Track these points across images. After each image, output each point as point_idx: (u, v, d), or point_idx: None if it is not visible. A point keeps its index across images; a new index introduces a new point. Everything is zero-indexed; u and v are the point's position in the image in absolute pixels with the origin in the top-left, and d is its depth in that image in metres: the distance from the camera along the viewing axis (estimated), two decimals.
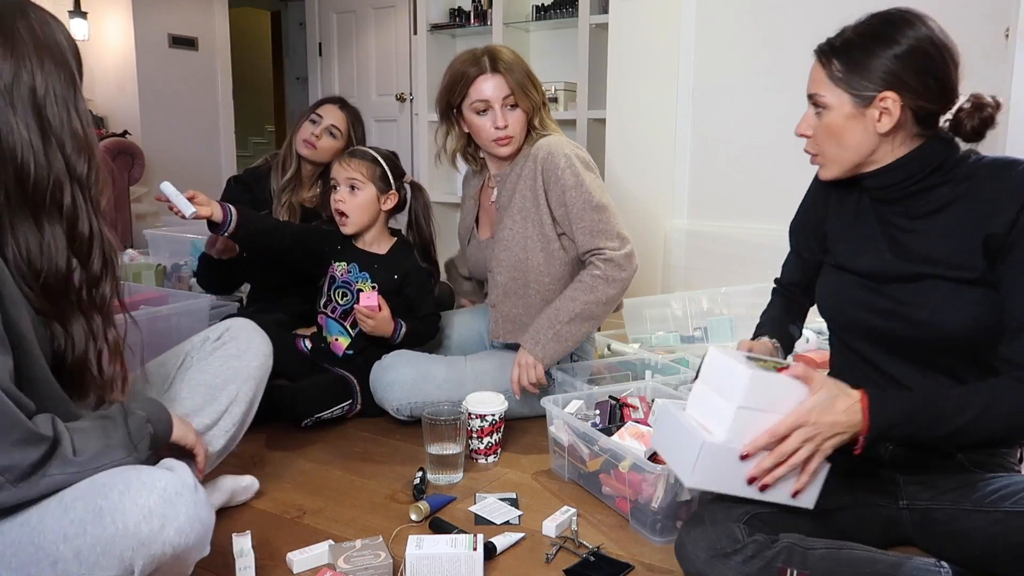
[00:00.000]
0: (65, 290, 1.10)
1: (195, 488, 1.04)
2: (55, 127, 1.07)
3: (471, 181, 2.21)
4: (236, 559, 1.23)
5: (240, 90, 5.82)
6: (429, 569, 1.23)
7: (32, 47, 1.06)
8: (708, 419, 1.18)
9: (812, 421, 1.11)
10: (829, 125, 1.25)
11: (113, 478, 1.02)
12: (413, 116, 5.02)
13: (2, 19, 1.06)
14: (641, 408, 1.73)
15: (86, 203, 1.10)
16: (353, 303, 2.05)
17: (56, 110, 1.07)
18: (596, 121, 3.74)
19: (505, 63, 1.92)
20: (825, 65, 1.24)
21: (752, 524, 1.14)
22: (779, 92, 2.82)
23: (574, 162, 1.91)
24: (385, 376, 1.93)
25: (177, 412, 1.32)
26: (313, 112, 2.37)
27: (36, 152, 1.05)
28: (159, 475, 1.02)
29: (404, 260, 2.15)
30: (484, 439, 1.76)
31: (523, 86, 1.93)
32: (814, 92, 1.26)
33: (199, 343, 1.49)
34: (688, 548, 1.16)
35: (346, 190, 2.07)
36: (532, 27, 4.14)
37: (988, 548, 1.15)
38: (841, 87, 1.22)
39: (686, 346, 2.37)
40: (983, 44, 2.35)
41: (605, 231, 1.90)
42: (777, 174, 2.85)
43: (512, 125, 1.93)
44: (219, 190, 2.52)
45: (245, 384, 1.46)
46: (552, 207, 1.93)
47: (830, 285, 1.37)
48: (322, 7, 5.52)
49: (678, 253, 3.08)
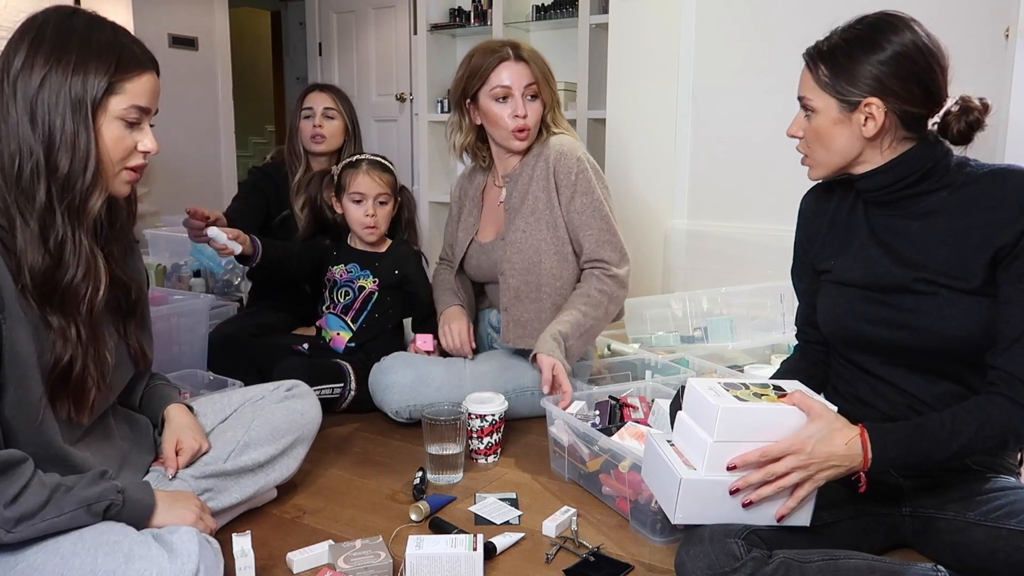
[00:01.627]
0: (50, 293, 1.11)
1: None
2: (42, 122, 1.08)
3: (472, 180, 2.14)
4: (236, 559, 1.23)
5: (240, 90, 5.82)
6: (429, 569, 1.23)
7: (49, 46, 1.09)
8: (690, 451, 1.20)
9: (807, 450, 1.11)
10: (817, 129, 1.26)
11: (108, 562, 1.05)
12: (413, 116, 5.02)
13: (41, 23, 1.11)
14: (641, 408, 1.73)
15: (60, 204, 1.10)
16: (355, 299, 2.08)
17: (46, 107, 1.08)
18: (596, 121, 3.74)
19: (528, 52, 1.91)
20: (812, 69, 1.25)
21: (750, 540, 1.13)
22: (779, 92, 2.81)
23: (586, 166, 1.90)
24: (384, 378, 1.93)
25: (240, 440, 1.41)
26: (302, 108, 2.38)
27: (21, 140, 1.08)
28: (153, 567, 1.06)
29: (404, 257, 2.17)
30: (484, 439, 1.76)
31: (545, 75, 1.92)
32: (802, 96, 1.27)
33: (271, 389, 1.57)
34: (688, 567, 1.14)
35: (376, 204, 2.10)
36: (532, 27, 4.14)
37: (989, 563, 1.14)
38: (828, 92, 1.23)
39: (686, 346, 2.37)
40: (983, 44, 2.34)
41: (612, 243, 1.90)
42: (777, 174, 2.85)
43: (531, 116, 1.91)
44: (219, 190, 2.53)
45: (301, 442, 1.54)
46: (563, 209, 1.91)
47: (829, 300, 1.35)
48: (322, 7, 5.52)
49: (678, 253, 3.08)
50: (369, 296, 2.12)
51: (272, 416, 1.49)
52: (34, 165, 1.08)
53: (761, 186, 2.90)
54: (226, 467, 1.37)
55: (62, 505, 1.08)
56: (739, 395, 1.17)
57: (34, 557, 1.06)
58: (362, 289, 2.12)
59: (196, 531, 1.14)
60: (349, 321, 2.10)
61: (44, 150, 1.09)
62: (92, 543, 1.08)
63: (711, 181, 3.03)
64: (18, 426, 1.11)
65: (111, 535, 1.10)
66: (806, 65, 1.27)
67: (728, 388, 1.19)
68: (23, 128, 1.09)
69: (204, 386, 1.97)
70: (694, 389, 1.21)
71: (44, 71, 1.09)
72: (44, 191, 1.09)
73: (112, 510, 1.13)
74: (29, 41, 1.10)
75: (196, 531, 1.14)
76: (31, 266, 1.09)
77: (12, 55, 1.10)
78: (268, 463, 1.46)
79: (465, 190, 2.15)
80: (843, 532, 1.23)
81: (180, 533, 1.12)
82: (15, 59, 1.10)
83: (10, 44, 1.12)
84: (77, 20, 1.14)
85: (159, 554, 1.08)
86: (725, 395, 1.16)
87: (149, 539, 1.11)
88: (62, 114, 1.09)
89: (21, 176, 1.08)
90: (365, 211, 2.09)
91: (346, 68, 5.44)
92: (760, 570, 1.09)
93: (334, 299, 2.14)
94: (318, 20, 5.56)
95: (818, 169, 1.31)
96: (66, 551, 1.06)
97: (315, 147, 2.36)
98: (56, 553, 1.06)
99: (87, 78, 1.11)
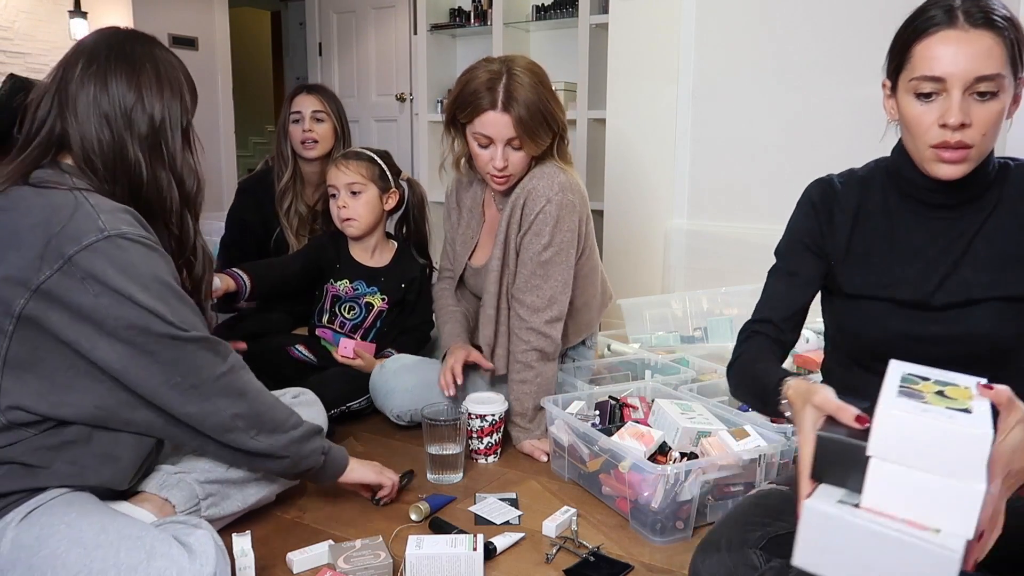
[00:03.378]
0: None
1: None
2: (167, 151, 1.21)
3: (469, 188, 2.02)
4: (236, 559, 1.23)
5: (240, 90, 5.82)
6: (429, 569, 1.23)
7: (155, 78, 1.20)
8: (920, 512, 0.80)
9: (1016, 469, 0.84)
10: (997, 113, 1.05)
11: (130, 557, 1.08)
12: (413, 116, 5.02)
13: (132, 51, 1.21)
14: (641, 408, 1.73)
15: (192, 217, 1.27)
16: (363, 317, 2.06)
17: (170, 136, 1.22)
18: (596, 121, 3.74)
19: (520, 102, 1.71)
20: (1000, 35, 1.03)
21: (769, 549, 1.08)
22: (779, 92, 2.82)
23: (551, 208, 1.77)
24: (386, 383, 1.93)
25: None
26: (291, 112, 2.36)
27: (145, 170, 1.19)
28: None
29: (409, 267, 2.13)
30: (484, 439, 1.76)
31: (531, 130, 1.73)
32: (987, 74, 1.03)
33: (277, 396, 1.55)
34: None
35: (347, 195, 2.05)
36: (532, 27, 4.14)
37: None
38: (1009, 67, 1.04)
39: (686, 346, 2.37)
40: None
41: (538, 288, 1.80)
42: (777, 174, 2.85)
43: (512, 165, 1.78)
44: (219, 190, 2.53)
45: None
46: (516, 244, 1.82)
47: (860, 317, 1.19)
48: (322, 7, 5.52)
49: (678, 253, 3.08)
50: (379, 314, 2.11)
51: None
52: (165, 192, 1.23)
53: (761, 186, 2.90)
54: (230, 475, 1.37)
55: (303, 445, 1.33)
56: (930, 403, 0.84)
57: (56, 545, 1.06)
58: (370, 307, 2.09)
59: (212, 533, 1.15)
60: (359, 340, 2.08)
61: (175, 178, 1.24)
62: (115, 536, 1.08)
63: (711, 181, 3.03)
64: None
65: (133, 529, 1.11)
66: (989, 32, 1.03)
67: (906, 394, 0.86)
68: (144, 156, 1.20)
69: None
70: (913, 420, 0.81)
71: (159, 103, 1.21)
72: (178, 209, 1.25)
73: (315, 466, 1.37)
74: (135, 71, 1.19)
75: (212, 533, 1.15)
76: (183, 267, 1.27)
77: (113, 82, 1.18)
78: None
79: (462, 198, 2.03)
80: None
81: (197, 535, 1.13)
82: (120, 88, 1.18)
83: (102, 70, 1.18)
84: (160, 49, 1.26)
85: (180, 553, 1.08)
86: (938, 410, 0.82)
87: (170, 538, 1.11)
88: (181, 141, 1.25)
89: (149, 197, 1.21)
90: (338, 204, 2.05)
91: (346, 68, 5.44)
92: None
93: (336, 313, 2.11)
94: (318, 20, 5.56)
95: (967, 164, 1.08)
96: (89, 542, 1.07)
97: (308, 152, 2.33)
98: (79, 543, 1.06)
99: (187, 106, 1.26)
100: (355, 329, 2.08)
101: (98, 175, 1.17)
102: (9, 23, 4.42)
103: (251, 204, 2.43)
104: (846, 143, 2.67)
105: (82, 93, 1.16)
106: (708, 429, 1.54)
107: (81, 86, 1.16)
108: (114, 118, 1.17)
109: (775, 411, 1.09)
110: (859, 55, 2.59)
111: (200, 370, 1.17)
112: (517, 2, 4.07)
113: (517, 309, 1.82)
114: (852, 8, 2.62)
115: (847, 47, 2.63)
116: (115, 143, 1.17)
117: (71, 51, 1.21)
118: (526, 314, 1.81)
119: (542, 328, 1.80)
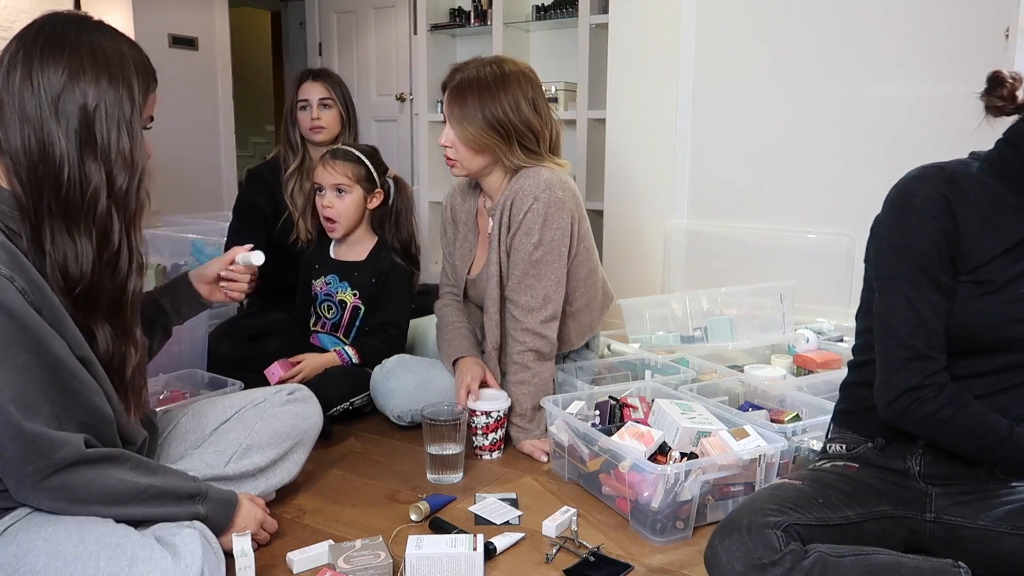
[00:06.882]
0: (95, 299, 1.12)
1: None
2: (100, 143, 1.09)
3: (464, 201, 2.01)
4: (236, 559, 1.23)
5: (240, 90, 5.81)
6: (429, 569, 1.23)
7: (89, 63, 1.08)
8: None
9: None
10: None
11: (111, 565, 1.06)
12: (413, 116, 5.02)
13: (63, 34, 1.08)
14: (641, 408, 1.73)
15: (120, 217, 1.12)
16: (340, 315, 2.06)
17: (104, 126, 1.09)
18: (596, 121, 3.74)
19: (457, 84, 1.78)
20: None
21: (788, 532, 1.10)
22: (780, 92, 2.82)
23: (539, 207, 1.77)
24: (386, 383, 1.93)
25: (243, 443, 1.42)
26: (297, 100, 2.39)
27: (73, 165, 1.07)
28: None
29: (382, 261, 2.11)
30: (489, 435, 1.76)
31: (460, 116, 1.77)
32: None
33: (273, 392, 1.57)
34: (723, 558, 1.09)
35: (333, 195, 2.05)
36: (532, 27, 4.14)
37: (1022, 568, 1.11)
38: None
39: (686, 346, 2.37)
40: (983, 44, 2.34)
41: (531, 288, 1.80)
42: (777, 174, 2.85)
43: (453, 146, 1.81)
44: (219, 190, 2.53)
45: (302, 446, 1.54)
46: (507, 245, 1.83)
47: (982, 308, 1.16)
48: (322, 7, 5.52)
49: (678, 253, 3.08)
50: (355, 311, 2.10)
51: (275, 420, 1.49)
52: (93, 189, 1.09)
53: (761, 186, 2.90)
54: (227, 471, 1.37)
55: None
56: None
57: (35, 561, 1.05)
58: (344, 304, 2.08)
59: (199, 532, 1.14)
60: (341, 337, 2.08)
61: (106, 172, 1.09)
62: (94, 546, 1.07)
63: (711, 181, 3.03)
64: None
65: (113, 537, 1.09)
66: None
67: None
68: (70, 148, 1.07)
69: (204, 386, 1.97)
70: None
71: (93, 89, 1.08)
72: (104, 207, 1.10)
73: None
74: (65, 56, 1.07)
75: (199, 532, 1.14)
76: (80, 275, 1.10)
77: (39, 70, 1.06)
78: (269, 467, 1.45)
79: (457, 213, 2.02)
80: (865, 531, 1.20)
81: (183, 535, 1.12)
82: (46, 75, 1.06)
83: (28, 56, 1.07)
84: (96, 32, 1.12)
85: (162, 556, 1.08)
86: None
87: (152, 541, 1.10)
88: (117, 133, 1.10)
89: (73, 196, 1.08)
90: (323, 201, 2.05)
91: (346, 68, 5.44)
92: (799, 564, 1.06)
93: (319, 314, 2.10)
94: (318, 20, 5.56)
95: None
96: (68, 555, 1.05)
97: (316, 137, 2.38)
98: (58, 557, 1.05)
99: (133, 94, 1.12)
100: (335, 328, 2.08)
101: (24, 188, 1.06)
102: (9, 23, 4.42)
103: (262, 188, 2.45)
104: (846, 143, 2.67)
105: (4, 93, 1.06)
106: (708, 429, 1.54)
107: (4, 83, 1.06)
108: (37, 113, 1.05)
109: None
110: (859, 55, 2.58)
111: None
112: (517, 2, 4.06)
113: (512, 310, 1.83)
114: (852, 8, 2.61)
115: (847, 47, 2.62)
116: (39, 140, 1.05)
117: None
118: (521, 315, 1.81)
119: (537, 328, 1.80)
